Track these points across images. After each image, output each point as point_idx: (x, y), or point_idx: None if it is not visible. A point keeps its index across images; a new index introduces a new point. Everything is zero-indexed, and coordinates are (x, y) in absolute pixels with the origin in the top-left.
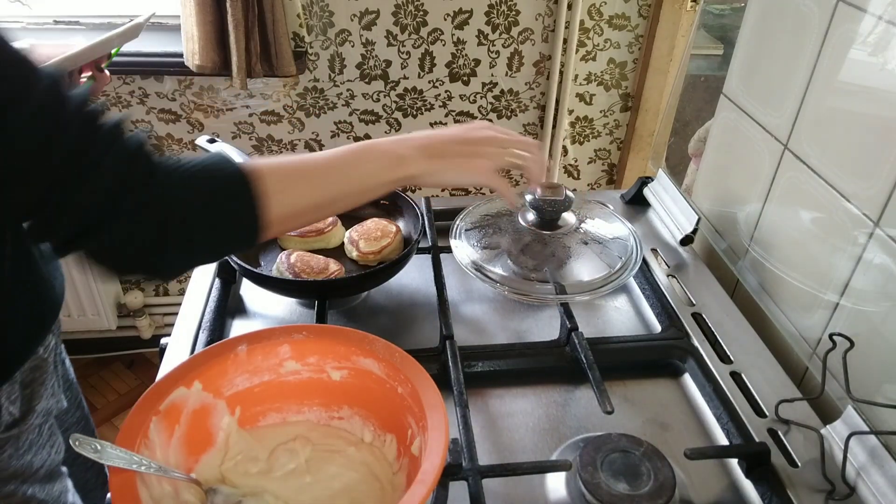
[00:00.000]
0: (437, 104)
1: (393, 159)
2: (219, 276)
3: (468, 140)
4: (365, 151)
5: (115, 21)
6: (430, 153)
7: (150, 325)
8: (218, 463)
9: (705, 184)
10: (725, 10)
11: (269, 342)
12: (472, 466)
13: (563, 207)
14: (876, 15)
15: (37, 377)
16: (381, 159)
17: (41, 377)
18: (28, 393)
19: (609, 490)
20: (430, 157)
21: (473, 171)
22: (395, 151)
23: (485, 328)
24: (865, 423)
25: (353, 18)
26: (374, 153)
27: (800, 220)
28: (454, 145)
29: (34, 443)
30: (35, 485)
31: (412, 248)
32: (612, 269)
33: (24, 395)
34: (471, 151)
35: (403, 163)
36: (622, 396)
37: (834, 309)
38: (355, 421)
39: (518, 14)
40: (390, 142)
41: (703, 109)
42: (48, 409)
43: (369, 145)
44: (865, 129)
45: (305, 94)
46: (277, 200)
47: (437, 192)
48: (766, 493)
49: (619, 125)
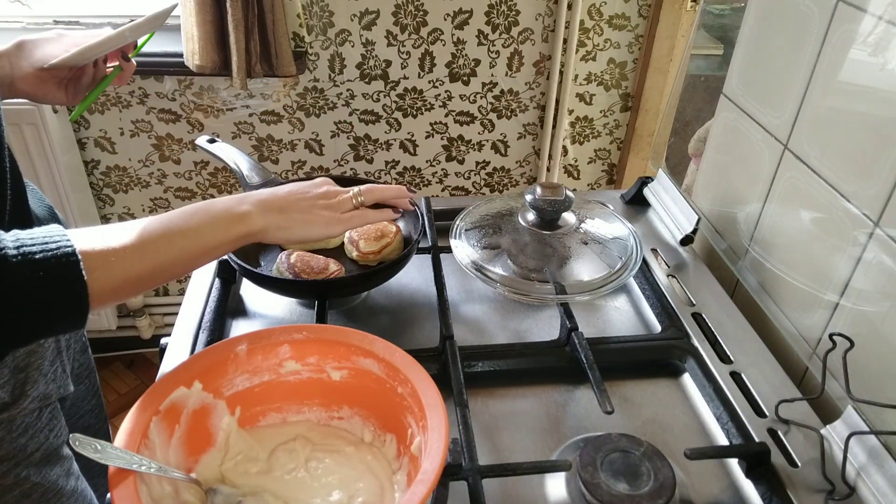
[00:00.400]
0: (437, 104)
1: (233, 217)
2: (219, 276)
3: (305, 196)
4: (200, 212)
5: (115, 21)
6: (270, 207)
7: (150, 325)
8: (218, 463)
9: (705, 184)
10: (725, 10)
11: (269, 342)
12: (472, 466)
13: (563, 207)
14: (876, 15)
15: (32, 362)
16: (220, 219)
17: (37, 362)
18: (22, 377)
19: (609, 490)
20: (270, 211)
21: (316, 224)
22: (235, 209)
23: (485, 328)
24: (865, 423)
25: (353, 18)
26: (211, 213)
27: (800, 220)
28: (293, 200)
29: (30, 426)
30: (30, 468)
31: (412, 248)
32: (612, 269)
33: (17, 379)
34: (309, 206)
35: (244, 220)
36: (622, 396)
37: (834, 309)
38: (355, 421)
39: (518, 14)
40: (228, 199)
41: (703, 109)
42: (46, 394)
43: (205, 205)
44: (865, 129)
45: (305, 94)
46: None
47: (437, 192)
48: (766, 493)
49: (619, 125)
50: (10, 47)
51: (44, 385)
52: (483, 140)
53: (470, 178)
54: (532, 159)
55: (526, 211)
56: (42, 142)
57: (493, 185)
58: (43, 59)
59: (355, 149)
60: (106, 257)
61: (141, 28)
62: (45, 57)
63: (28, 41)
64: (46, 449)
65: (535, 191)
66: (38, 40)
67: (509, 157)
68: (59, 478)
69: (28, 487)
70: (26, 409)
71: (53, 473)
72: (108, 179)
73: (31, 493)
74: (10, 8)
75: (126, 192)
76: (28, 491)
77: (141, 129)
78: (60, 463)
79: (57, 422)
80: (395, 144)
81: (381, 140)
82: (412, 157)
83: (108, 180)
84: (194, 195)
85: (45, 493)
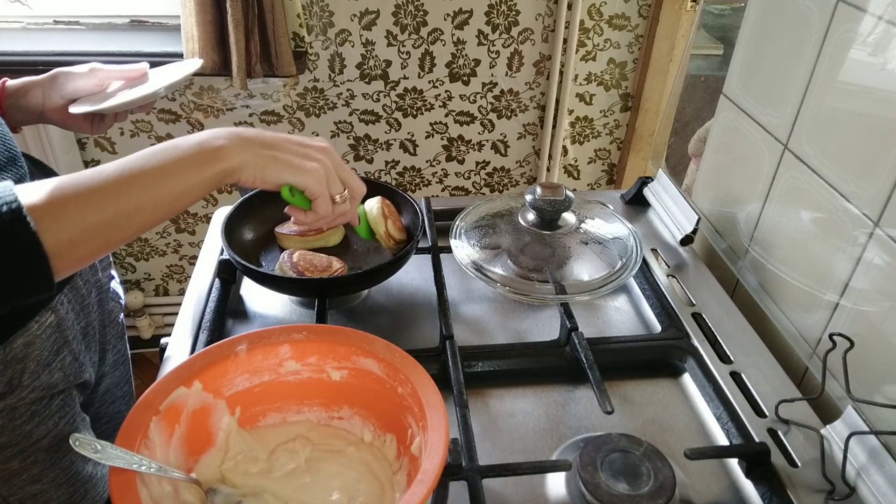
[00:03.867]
0: (437, 104)
1: (206, 153)
2: (219, 275)
3: (303, 143)
4: (167, 149)
5: (115, 21)
6: (250, 142)
7: (150, 325)
8: (218, 463)
9: (705, 184)
10: (725, 10)
11: (269, 342)
12: (472, 466)
13: (563, 207)
14: (876, 15)
15: (30, 353)
16: (189, 156)
17: (35, 353)
18: (20, 368)
19: (609, 490)
20: (251, 146)
21: (305, 171)
22: (208, 144)
23: (485, 328)
24: (865, 423)
25: (353, 18)
26: (180, 149)
27: (800, 220)
28: (280, 140)
29: (37, 413)
30: (38, 453)
31: (412, 248)
32: (612, 269)
33: (14, 370)
34: (304, 153)
35: (219, 155)
36: (622, 396)
37: (834, 309)
38: (355, 421)
39: (518, 14)
40: (199, 133)
41: (703, 109)
42: (51, 384)
43: (173, 142)
44: (865, 129)
45: (305, 94)
46: (57, 225)
47: (437, 192)
48: (766, 493)
49: (619, 125)
50: (45, 78)
51: (47, 375)
52: (483, 140)
53: (470, 178)
54: (532, 159)
55: (526, 211)
56: (42, 142)
57: (493, 185)
58: (74, 93)
59: (355, 149)
60: (57, 207)
61: (174, 86)
62: (76, 91)
63: (62, 73)
64: (56, 435)
65: (535, 191)
66: (71, 74)
67: (509, 157)
68: (73, 463)
69: (36, 472)
70: (27, 399)
71: (66, 459)
72: None
73: (40, 477)
74: (10, 8)
75: None
76: (37, 476)
77: (141, 129)
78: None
79: (70, 409)
80: (395, 144)
81: (381, 140)
82: (412, 157)
83: None
84: None
85: (57, 479)
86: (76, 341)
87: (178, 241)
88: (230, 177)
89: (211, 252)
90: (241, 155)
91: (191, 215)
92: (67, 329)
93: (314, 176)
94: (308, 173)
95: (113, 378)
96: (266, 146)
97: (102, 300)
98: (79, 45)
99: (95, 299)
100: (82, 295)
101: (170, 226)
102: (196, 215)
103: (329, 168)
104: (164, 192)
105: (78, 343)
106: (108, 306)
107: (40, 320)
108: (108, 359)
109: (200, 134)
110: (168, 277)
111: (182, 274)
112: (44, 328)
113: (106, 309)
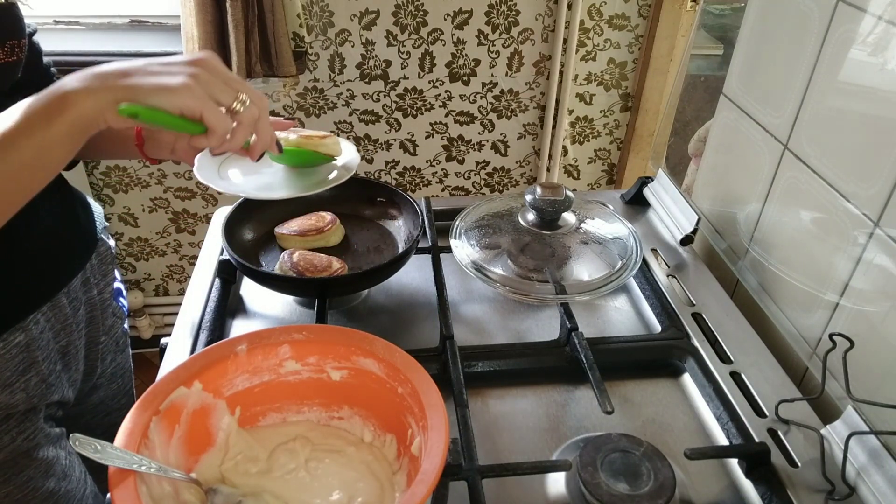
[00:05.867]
0: (437, 104)
1: (50, 107)
2: (219, 275)
3: (168, 61)
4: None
5: (115, 21)
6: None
7: (150, 325)
8: (218, 463)
9: (705, 184)
10: (725, 10)
11: (269, 342)
12: (472, 466)
13: (563, 207)
14: (876, 15)
15: None
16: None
17: None
18: None
19: (609, 490)
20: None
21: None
22: (53, 94)
23: (485, 328)
24: (865, 423)
25: (353, 18)
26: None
27: (800, 221)
28: (146, 65)
29: None
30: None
31: (412, 248)
32: (612, 269)
33: None
34: (167, 70)
35: (66, 102)
36: (622, 396)
37: (834, 309)
38: (355, 421)
39: (518, 14)
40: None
41: (703, 109)
42: (11, 404)
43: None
44: (865, 129)
45: (305, 94)
46: None
47: (437, 192)
48: (766, 493)
49: (619, 125)
50: None
51: (7, 395)
52: (483, 140)
53: (470, 178)
54: (532, 159)
55: (526, 211)
56: None
57: (493, 185)
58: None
59: None
60: None
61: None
62: None
63: None
64: (12, 451)
65: (535, 191)
66: None
67: (509, 157)
68: (31, 479)
69: None
70: None
71: (23, 476)
72: (108, 179)
73: None
74: None
75: (126, 192)
76: None
77: None
78: (34, 465)
79: (30, 425)
80: (395, 144)
81: (381, 140)
82: (412, 157)
83: (108, 180)
84: (194, 195)
85: (11, 495)
86: (48, 361)
87: (178, 241)
88: (90, 124)
89: (211, 252)
90: (92, 96)
91: (191, 215)
92: (39, 350)
93: (185, 92)
94: (176, 91)
95: (108, 391)
96: (121, 76)
97: (95, 317)
98: (79, 45)
99: (85, 316)
100: (66, 314)
101: (170, 226)
102: (196, 215)
103: (207, 79)
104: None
105: (51, 363)
106: (108, 322)
107: (7, 339)
108: (98, 373)
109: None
110: (168, 277)
111: (182, 274)
112: (10, 347)
113: (104, 325)
